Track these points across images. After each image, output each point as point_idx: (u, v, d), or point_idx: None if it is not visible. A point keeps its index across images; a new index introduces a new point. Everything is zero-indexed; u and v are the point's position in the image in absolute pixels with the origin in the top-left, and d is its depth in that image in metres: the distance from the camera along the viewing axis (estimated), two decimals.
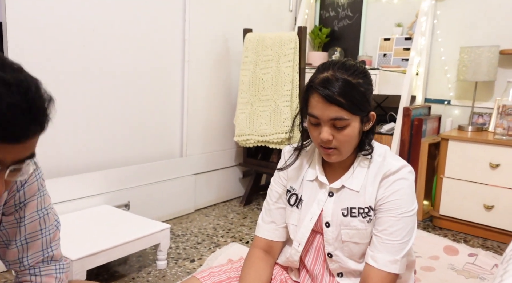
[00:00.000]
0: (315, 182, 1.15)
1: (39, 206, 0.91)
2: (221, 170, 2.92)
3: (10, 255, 0.91)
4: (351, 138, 1.04)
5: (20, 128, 0.63)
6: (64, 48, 1.94)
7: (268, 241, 1.22)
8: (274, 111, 2.57)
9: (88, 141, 2.11)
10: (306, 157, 1.20)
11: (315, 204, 1.13)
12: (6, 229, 0.88)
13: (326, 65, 1.05)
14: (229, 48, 2.86)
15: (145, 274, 1.81)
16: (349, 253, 1.11)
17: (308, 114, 1.04)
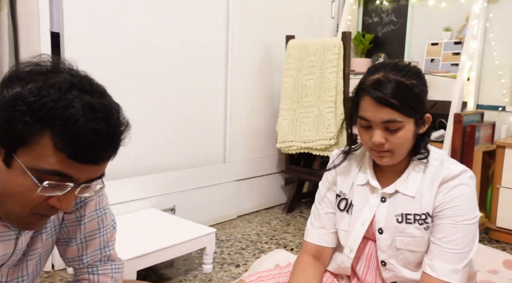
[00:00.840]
0: (366, 187, 1.11)
1: (98, 206, 0.94)
2: (264, 176, 2.92)
3: (70, 253, 0.93)
4: (405, 141, 1.00)
5: (99, 152, 0.67)
6: (115, 57, 2.03)
7: (317, 246, 1.19)
8: (317, 117, 2.54)
9: (136, 146, 2.17)
10: (356, 161, 1.17)
11: (367, 209, 1.09)
12: (67, 226, 0.92)
13: (376, 67, 1.02)
14: (271, 55, 2.87)
15: (192, 277, 1.82)
16: (404, 261, 1.06)
17: (359, 117, 1.02)
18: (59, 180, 0.66)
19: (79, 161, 0.65)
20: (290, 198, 2.89)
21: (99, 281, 0.95)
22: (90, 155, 0.66)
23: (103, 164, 0.70)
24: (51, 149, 0.63)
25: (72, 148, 0.63)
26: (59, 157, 0.64)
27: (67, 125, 0.62)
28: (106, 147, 0.67)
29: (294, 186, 2.91)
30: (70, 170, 0.65)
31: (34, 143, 0.63)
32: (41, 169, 0.64)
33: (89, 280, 0.95)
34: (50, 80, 0.65)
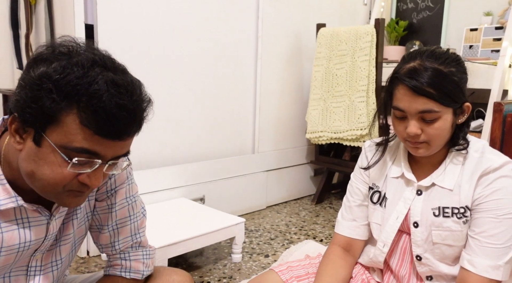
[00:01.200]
0: (401, 179, 1.07)
1: (128, 194, 0.95)
2: (293, 167, 2.90)
3: (102, 239, 0.96)
4: (443, 132, 0.95)
5: (124, 127, 0.68)
6: (147, 48, 2.05)
7: (348, 238, 1.16)
8: (348, 107, 2.49)
9: (166, 136, 2.20)
10: (390, 152, 1.13)
11: (401, 203, 1.05)
12: (99, 214, 0.94)
13: (412, 54, 0.97)
14: (302, 44, 2.83)
15: (221, 266, 1.84)
16: (440, 256, 1.02)
17: (393, 107, 0.97)
18: (87, 157, 0.68)
19: (106, 137, 0.67)
20: (319, 189, 2.86)
21: (131, 266, 0.97)
22: (116, 130, 0.67)
23: (128, 139, 0.71)
24: (78, 126, 0.65)
25: (98, 124, 0.65)
26: (86, 134, 0.66)
27: (92, 101, 0.64)
28: (130, 121, 0.68)
29: (324, 177, 2.87)
30: (97, 146, 0.67)
31: (61, 121, 0.65)
32: (69, 147, 0.66)
33: (122, 266, 0.97)
34: (73, 58, 0.67)
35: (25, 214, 0.77)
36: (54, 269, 0.88)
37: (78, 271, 1.73)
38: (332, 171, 2.89)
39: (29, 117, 0.66)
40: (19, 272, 0.83)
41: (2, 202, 0.72)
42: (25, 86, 0.66)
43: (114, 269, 0.97)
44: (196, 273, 1.77)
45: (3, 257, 0.77)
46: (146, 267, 0.99)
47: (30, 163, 0.69)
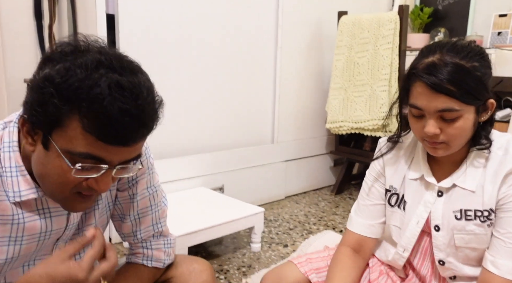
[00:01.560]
0: (420, 181, 1.02)
1: (149, 184, 0.96)
2: (312, 157, 2.88)
3: (124, 229, 0.97)
4: (463, 132, 0.89)
5: (128, 132, 0.64)
6: (167, 37, 2.05)
7: (360, 237, 1.12)
8: (370, 96, 2.44)
9: (186, 126, 2.21)
10: (407, 151, 1.07)
11: (422, 207, 1.00)
12: (121, 204, 0.95)
13: (431, 48, 0.90)
14: (322, 32, 2.78)
15: (240, 255, 1.85)
16: (464, 259, 0.98)
17: (410, 105, 0.91)
18: (92, 162, 0.66)
19: (109, 143, 0.64)
20: (339, 179, 2.83)
21: (153, 255, 0.98)
22: (119, 137, 0.64)
23: (134, 145, 0.68)
24: (81, 132, 0.63)
25: (100, 130, 0.62)
26: (89, 140, 0.63)
27: (93, 106, 0.61)
28: (135, 127, 0.65)
29: (344, 168, 2.84)
30: (101, 152, 0.65)
31: (65, 125, 0.63)
32: (73, 152, 0.64)
33: (144, 254, 0.98)
34: (79, 59, 0.64)
35: (46, 205, 0.79)
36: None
37: None
38: (352, 162, 2.86)
39: (36, 120, 0.65)
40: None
41: (23, 193, 0.74)
42: (31, 88, 0.66)
43: (136, 257, 0.98)
44: (216, 261, 1.78)
45: (25, 245, 0.79)
46: (167, 256, 1.00)
47: (40, 166, 0.69)
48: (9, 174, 0.73)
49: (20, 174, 0.73)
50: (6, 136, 0.74)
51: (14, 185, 0.73)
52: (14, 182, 0.73)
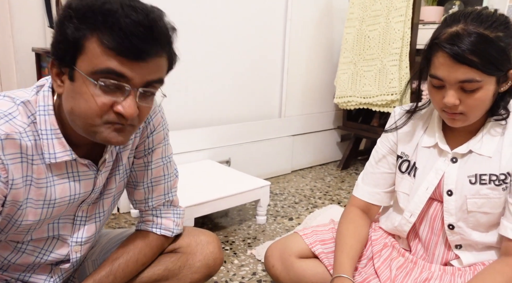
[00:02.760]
0: (433, 149, 1.03)
1: (163, 154, 0.99)
2: (319, 132, 2.87)
3: (137, 195, 1.00)
4: (483, 103, 0.89)
5: (142, 43, 0.68)
6: (176, 10, 2.01)
7: (366, 203, 1.15)
8: (380, 71, 2.40)
9: (193, 99, 2.20)
10: (422, 120, 1.08)
11: (432, 173, 1.02)
12: (136, 171, 0.98)
13: (455, 17, 0.89)
14: (333, 4, 2.71)
15: (246, 227, 1.88)
16: (474, 224, 1.00)
17: (430, 75, 0.91)
18: (113, 78, 0.69)
19: (126, 56, 0.67)
20: (345, 155, 2.83)
21: (162, 223, 1.01)
22: (134, 48, 0.67)
23: (151, 61, 0.70)
24: (101, 49, 0.67)
25: (116, 42, 0.66)
26: (109, 55, 0.67)
27: (107, 19, 0.66)
28: (148, 38, 0.68)
29: (351, 143, 2.83)
30: (121, 67, 0.68)
31: (86, 47, 0.68)
32: (96, 70, 0.68)
33: (153, 222, 1.01)
34: None
35: (75, 169, 0.82)
36: (97, 220, 0.93)
37: (109, 226, 1.81)
38: (360, 137, 2.84)
39: (61, 53, 0.70)
40: (67, 220, 0.89)
41: (58, 155, 0.77)
42: (55, 26, 0.71)
43: (146, 224, 1.01)
44: (221, 233, 1.81)
45: (57, 208, 0.83)
46: (176, 226, 1.02)
47: (69, 100, 0.72)
48: (45, 137, 0.76)
49: (55, 137, 0.77)
50: (41, 100, 0.77)
51: (50, 147, 0.76)
52: (49, 145, 0.76)
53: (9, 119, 0.72)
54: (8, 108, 0.74)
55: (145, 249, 0.98)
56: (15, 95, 0.76)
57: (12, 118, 0.73)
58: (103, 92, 0.69)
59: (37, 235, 0.86)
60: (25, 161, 0.74)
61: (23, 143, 0.73)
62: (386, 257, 1.12)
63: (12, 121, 0.72)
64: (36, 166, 0.76)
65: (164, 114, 0.98)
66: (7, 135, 0.70)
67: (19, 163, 0.73)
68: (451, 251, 1.04)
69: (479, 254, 1.01)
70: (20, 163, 0.73)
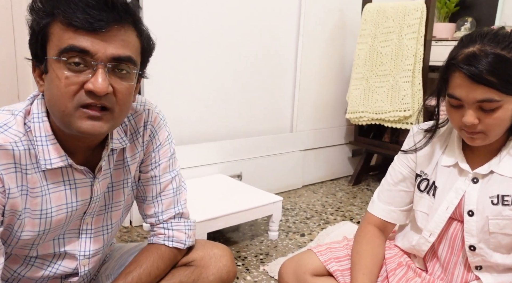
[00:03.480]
0: (453, 168, 1.02)
1: (171, 168, 1.00)
2: (331, 147, 2.86)
3: (147, 210, 1.01)
4: (502, 122, 0.89)
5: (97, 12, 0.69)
6: (191, 22, 2.04)
7: (382, 220, 1.14)
8: (392, 87, 2.40)
9: (205, 113, 2.22)
10: (441, 139, 1.07)
11: (453, 193, 1.00)
12: (143, 185, 0.99)
13: (472, 38, 0.89)
14: (345, 20, 2.73)
15: (258, 243, 1.87)
16: (496, 245, 0.98)
17: (448, 95, 0.92)
18: (77, 54, 0.69)
19: (85, 28, 0.68)
20: (357, 170, 2.81)
21: (174, 235, 1.01)
22: (89, 19, 0.68)
23: (110, 31, 0.70)
24: (62, 29, 0.69)
25: (73, 16, 0.68)
26: (70, 32, 0.69)
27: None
28: (103, 7, 0.69)
29: (362, 158, 2.82)
30: (82, 42, 0.69)
31: (51, 33, 0.71)
32: (60, 50, 0.70)
33: (165, 235, 1.01)
34: None
35: (72, 176, 0.82)
36: (104, 233, 0.93)
37: (122, 239, 1.82)
38: (371, 153, 2.83)
39: (34, 49, 0.73)
40: (72, 234, 0.89)
41: (54, 160, 0.77)
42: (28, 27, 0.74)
43: (157, 237, 1.01)
44: (233, 248, 1.81)
45: (55, 217, 0.82)
46: (188, 238, 1.02)
47: (47, 92, 0.74)
48: (40, 143, 0.77)
49: (50, 143, 0.77)
50: (35, 108, 0.78)
51: (45, 153, 0.77)
52: (45, 151, 0.77)
53: (4, 130, 0.74)
54: (5, 119, 0.75)
55: (158, 262, 0.97)
56: (13, 107, 0.78)
57: (7, 129, 0.74)
58: (70, 71, 0.70)
59: (43, 251, 0.86)
60: (19, 171, 0.75)
61: (17, 153, 0.74)
62: (401, 276, 1.10)
63: (8, 131, 0.74)
64: (30, 175, 0.77)
65: (169, 128, 1.00)
66: (0, 146, 0.72)
67: (13, 173, 0.74)
68: (471, 272, 1.02)
69: (499, 275, 0.99)
70: (14, 173, 0.74)
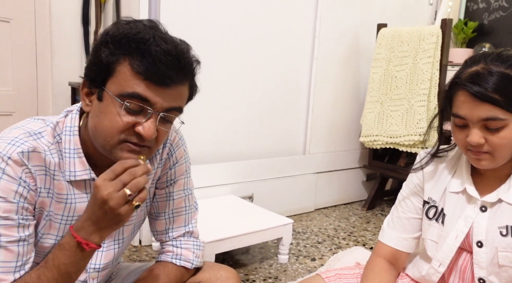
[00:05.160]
0: (462, 195, 0.99)
1: (185, 186, 1.01)
2: (344, 171, 2.83)
3: (158, 226, 1.02)
4: (509, 142, 0.85)
5: (168, 71, 0.74)
6: (205, 44, 2.09)
7: (394, 250, 1.09)
8: (407, 111, 2.38)
9: (218, 133, 2.23)
10: (450, 164, 1.04)
11: (462, 221, 0.96)
12: (158, 201, 1.00)
13: (476, 58, 0.88)
14: (360, 44, 2.74)
15: (267, 266, 1.83)
16: (507, 280, 0.93)
17: (452, 114, 0.89)
18: (138, 101, 0.74)
19: (153, 81, 0.73)
20: (371, 194, 2.76)
21: (182, 253, 1.00)
22: (160, 74, 0.73)
23: (174, 87, 0.75)
24: (130, 73, 0.73)
25: (146, 67, 0.72)
26: (137, 80, 0.73)
27: (140, 46, 0.72)
28: (175, 67, 0.74)
29: (376, 183, 2.77)
30: (147, 92, 0.74)
31: (117, 70, 0.74)
32: (124, 93, 0.74)
33: (173, 252, 1.01)
34: (131, 23, 0.77)
35: None
36: (116, 247, 0.94)
37: (130, 259, 1.81)
38: (386, 177, 2.78)
39: (93, 74, 0.76)
40: None
41: (78, 173, 0.82)
42: (92, 50, 0.78)
43: (166, 255, 1.01)
44: (242, 270, 1.77)
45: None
46: (196, 257, 1.01)
47: (94, 118, 0.78)
48: (68, 155, 0.81)
49: (77, 156, 0.82)
50: (68, 122, 0.83)
51: (71, 165, 0.81)
52: (71, 163, 0.81)
53: (37, 138, 0.79)
54: (38, 127, 0.81)
55: (164, 280, 0.97)
56: (47, 118, 0.84)
57: (40, 137, 0.79)
58: (127, 113, 0.75)
59: None
60: (48, 174, 0.80)
61: (47, 158, 0.79)
62: None
63: (40, 139, 0.79)
64: (57, 181, 0.81)
65: (186, 148, 1.02)
66: (34, 148, 0.77)
67: (43, 175, 0.79)
68: None
69: None
70: (44, 175, 0.79)
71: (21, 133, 0.78)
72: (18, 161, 0.75)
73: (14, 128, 0.80)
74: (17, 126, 0.81)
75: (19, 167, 0.75)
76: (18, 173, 0.75)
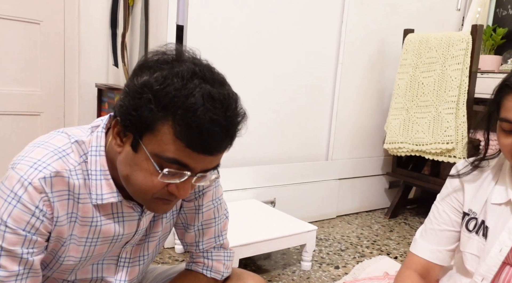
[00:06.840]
0: (505, 206, 0.95)
1: (214, 196, 0.97)
2: (367, 177, 2.79)
3: (188, 238, 0.98)
4: None
5: (215, 142, 0.68)
6: (232, 49, 2.09)
7: (426, 262, 1.05)
8: (434, 118, 2.33)
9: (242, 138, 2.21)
10: (491, 174, 1.00)
11: (505, 233, 0.92)
12: (186, 213, 0.96)
13: None
14: (385, 50, 2.71)
15: (290, 273, 1.81)
16: None
17: (500, 119, 0.86)
18: (177, 168, 0.68)
19: (197, 151, 0.67)
20: (394, 203, 2.71)
21: (213, 265, 0.98)
22: (207, 145, 0.67)
23: (218, 155, 0.71)
24: (172, 137, 0.66)
25: (191, 137, 0.65)
26: (179, 146, 0.66)
27: (187, 114, 0.64)
28: (222, 137, 0.68)
29: (400, 191, 2.72)
30: (188, 159, 0.68)
31: (157, 130, 0.66)
32: (162, 156, 0.68)
33: (204, 264, 0.99)
34: (175, 69, 0.68)
35: (120, 210, 0.82)
36: (140, 263, 0.92)
37: (153, 261, 1.81)
38: (409, 185, 2.73)
39: (129, 123, 0.69)
40: (111, 261, 0.88)
41: (105, 196, 0.77)
42: (128, 93, 0.69)
43: (196, 265, 0.99)
44: (265, 276, 1.76)
45: (99, 246, 0.82)
46: (226, 269, 1.00)
47: (126, 167, 0.72)
48: (94, 177, 0.76)
49: (104, 178, 0.77)
50: (94, 141, 0.78)
51: (98, 188, 0.77)
52: (97, 185, 0.77)
53: (63, 156, 0.74)
54: (63, 144, 0.75)
55: None
56: (71, 132, 0.78)
57: (65, 155, 0.74)
58: (162, 176, 0.70)
59: (81, 276, 0.86)
60: (72, 198, 0.75)
61: (71, 181, 0.74)
62: None
63: (65, 157, 0.74)
64: (82, 204, 0.77)
65: None
66: (57, 172, 0.72)
67: (66, 200, 0.74)
68: None
69: None
70: (67, 200, 0.74)
71: (45, 153, 0.73)
72: (39, 188, 0.69)
73: (38, 145, 0.74)
74: (40, 142, 0.75)
75: (38, 194, 0.69)
76: (35, 202, 0.69)
